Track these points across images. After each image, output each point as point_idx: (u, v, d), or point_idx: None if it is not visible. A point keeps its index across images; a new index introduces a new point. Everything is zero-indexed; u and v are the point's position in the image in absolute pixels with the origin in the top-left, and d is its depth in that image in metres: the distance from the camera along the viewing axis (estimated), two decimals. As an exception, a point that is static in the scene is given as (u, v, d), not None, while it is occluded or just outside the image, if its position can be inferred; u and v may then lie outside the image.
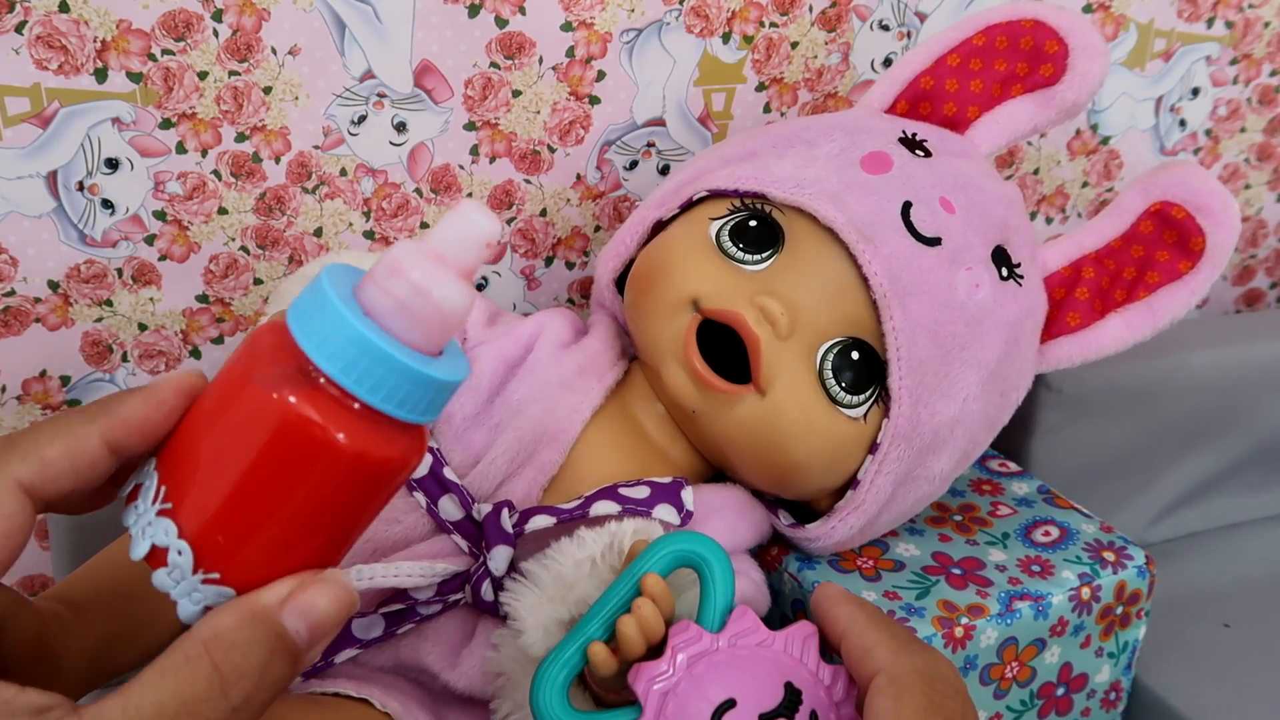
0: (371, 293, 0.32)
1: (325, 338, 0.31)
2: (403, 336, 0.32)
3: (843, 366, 0.55)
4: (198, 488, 0.32)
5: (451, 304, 0.32)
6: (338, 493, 0.32)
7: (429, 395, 0.32)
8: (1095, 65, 0.62)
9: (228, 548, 0.32)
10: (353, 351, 0.31)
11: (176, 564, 0.32)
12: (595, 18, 0.69)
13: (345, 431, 0.31)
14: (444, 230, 0.32)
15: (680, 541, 0.44)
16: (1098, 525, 0.64)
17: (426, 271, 0.31)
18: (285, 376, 0.31)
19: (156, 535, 0.32)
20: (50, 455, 0.32)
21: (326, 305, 0.31)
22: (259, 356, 0.32)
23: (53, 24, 0.60)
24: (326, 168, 0.68)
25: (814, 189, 0.56)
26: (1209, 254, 0.62)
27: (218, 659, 0.31)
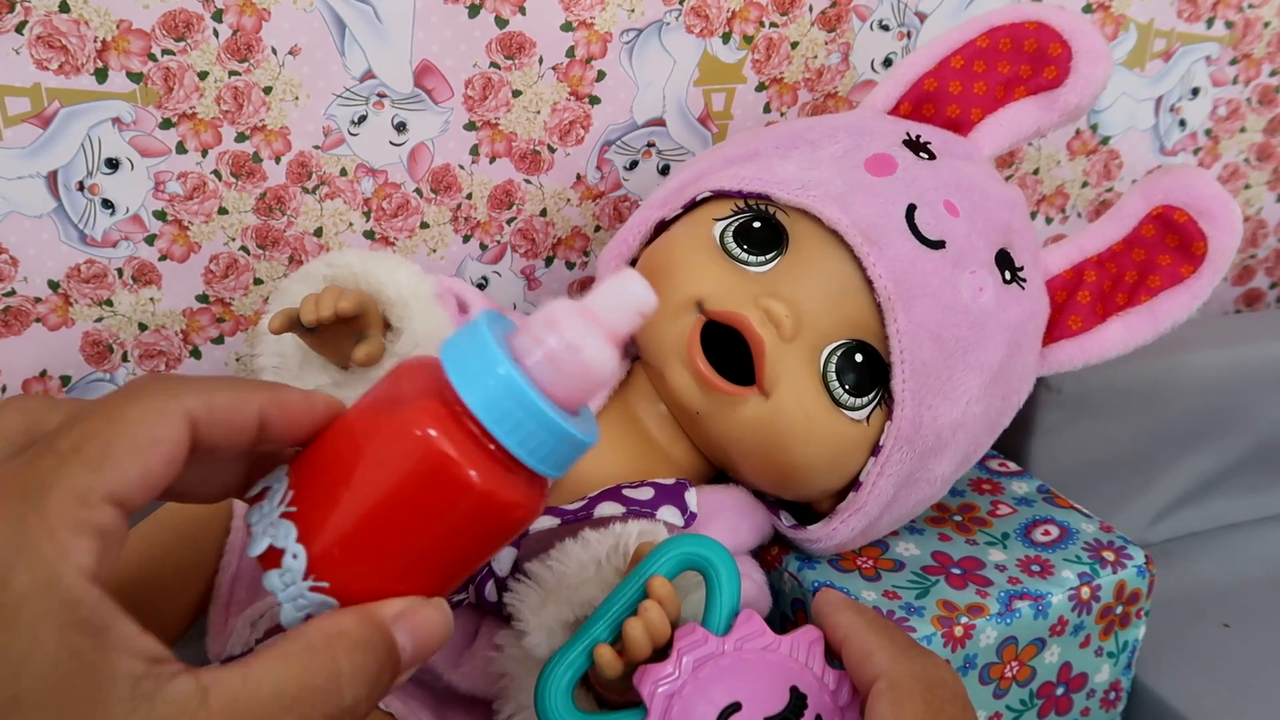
0: (524, 343, 0.33)
1: (478, 379, 0.32)
2: (547, 390, 0.33)
3: (846, 369, 0.55)
4: (325, 500, 0.33)
5: (599, 365, 0.33)
6: (457, 528, 0.33)
7: (564, 451, 0.34)
8: (1099, 68, 0.62)
9: (342, 561, 0.33)
10: (504, 398, 0.32)
11: (290, 567, 0.33)
12: (595, 18, 0.69)
13: (479, 471, 0.32)
14: (603, 294, 0.33)
15: (686, 544, 0.44)
16: (1097, 525, 0.65)
17: (580, 330, 0.33)
18: (430, 411, 0.32)
19: (276, 536, 0.33)
20: (218, 401, 0.32)
21: (483, 348, 0.32)
22: (406, 388, 0.34)
23: (53, 24, 0.60)
24: (326, 168, 0.68)
25: (819, 191, 0.56)
26: (1211, 258, 0.62)
27: (340, 655, 0.32)
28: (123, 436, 0.30)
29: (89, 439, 0.30)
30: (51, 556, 0.28)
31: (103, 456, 0.29)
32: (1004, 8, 0.65)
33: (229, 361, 0.70)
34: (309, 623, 0.32)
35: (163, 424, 0.31)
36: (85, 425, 0.30)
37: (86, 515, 0.29)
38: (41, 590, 0.28)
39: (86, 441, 0.30)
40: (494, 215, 0.72)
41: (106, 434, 0.30)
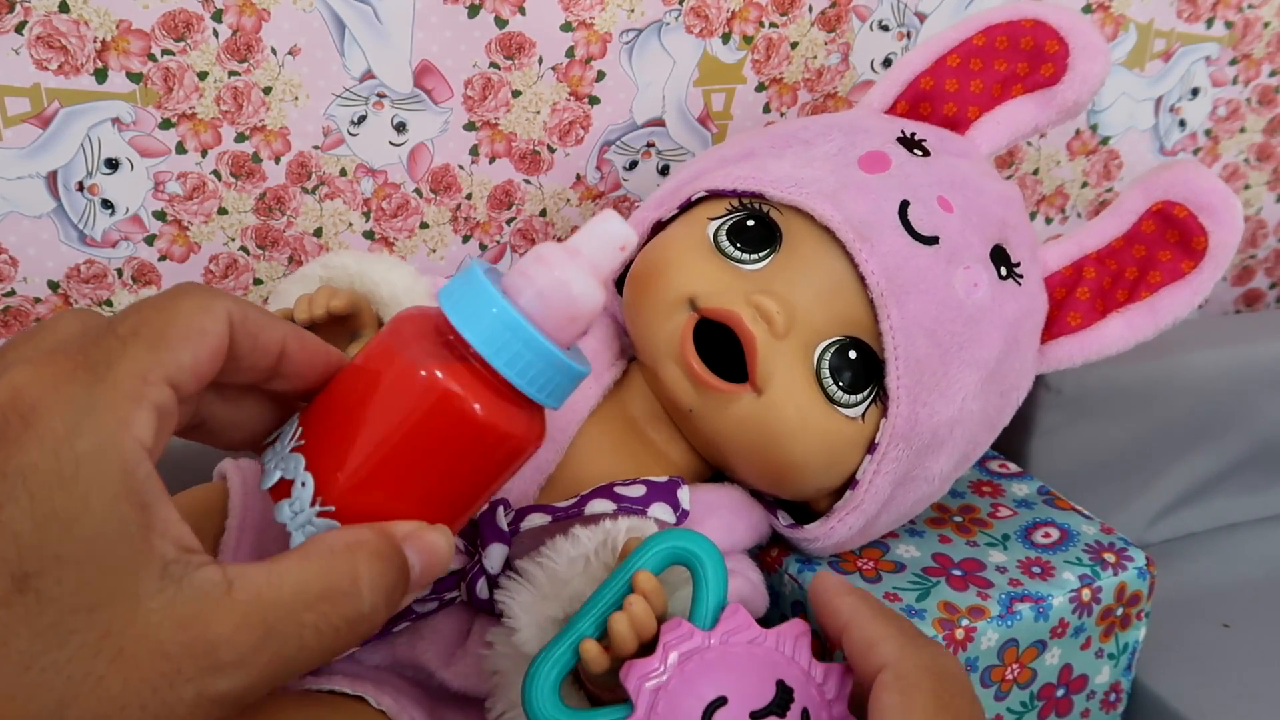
0: (515, 282, 0.35)
1: (476, 316, 0.35)
2: (540, 324, 0.35)
3: (840, 366, 0.55)
4: (333, 434, 0.35)
5: (586, 298, 0.35)
6: (462, 458, 0.35)
7: (561, 380, 0.36)
8: (1096, 65, 0.62)
9: (349, 489, 0.34)
10: (502, 331, 0.34)
11: (298, 495, 0.34)
12: (595, 18, 0.69)
13: (481, 403, 0.35)
14: (585, 233, 0.36)
15: (673, 539, 0.44)
16: (1098, 526, 0.64)
17: (567, 265, 0.35)
18: (432, 350, 0.35)
19: (286, 468, 0.35)
20: (251, 314, 0.34)
21: (479, 288, 0.35)
22: (407, 332, 0.36)
23: (53, 24, 0.60)
24: (326, 168, 0.68)
25: (811, 188, 0.56)
26: (1211, 253, 0.62)
27: (360, 562, 0.33)
28: (175, 324, 0.32)
29: (146, 324, 0.31)
30: (114, 424, 0.29)
31: (159, 340, 0.31)
32: (1001, 6, 0.65)
33: (229, 361, 0.71)
34: (330, 532, 0.34)
35: (209, 319, 0.33)
36: (140, 314, 0.32)
37: (147, 391, 0.30)
38: (101, 455, 0.29)
39: (144, 326, 0.31)
40: (494, 215, 0.72)
41: (160, 321, 0.32)
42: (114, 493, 0.29)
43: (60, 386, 0.29)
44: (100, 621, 0.28)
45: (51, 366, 0.30)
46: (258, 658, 0.30)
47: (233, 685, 0.30)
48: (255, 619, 0.30)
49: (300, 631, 0.31)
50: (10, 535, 0.27)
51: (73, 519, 0.28)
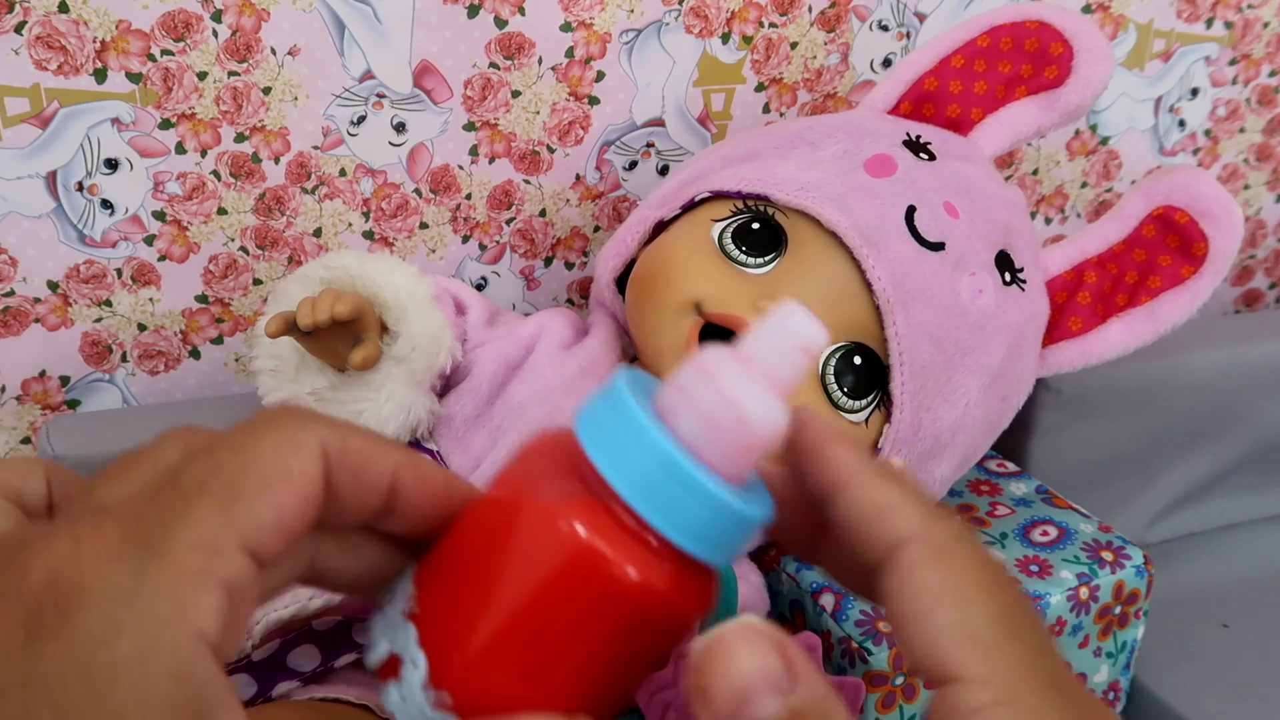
0: (671, 402, 0.27)
1: (623, 454, 0.27)
2: (705, 457, 0.27)
3: (845, 371, 0.55)
4: (452, 600, 0.28)
5: (763, 422, 0.27)
6: (613, 634, 0.28)
7: (733, 531, 0.28)
8: (1100, 68, 0.62)
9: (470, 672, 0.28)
10: (655, 473, 0.27)
11: (408, 678, 0.28)
12: (594, 18, 0.69)
13: (635, 565, 0.27)
14: (760, 334, 0.27)
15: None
16: (1096, 525, 0.65)
17: (738, 380, 0.27)
18: (571, 497, 0.27)
19: (395, 640, 0.29)
20: (353, 444, 0.28)
21: (624, 415, 0.27)
22: (541, 469, 0.29)
23: (52, 24, 0.60)
24: (326, 168, 0.68)
25: (818, 192, 0.56)
26: (1211, 259, 0.62)
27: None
28: (254, 470, 0.26)
29: (217, 473, 0.25)
30: (167, 615, 0.23)
31: (232, 494, 0.25)
32: (1005, 7, 0.65)
33: (228, 362, 0.70)
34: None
35: (297, 457, 0.26)
36: (212, 458, 0.26)
37: (214, 565, 0.24)
38: (146, 658, 0.23)
39: (214, 476, 0.25)
40: (493, 215, 0.72)
41: (235, 467, 0.26)
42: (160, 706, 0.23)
43: (104, 566, 0.24)
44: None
45: (97, 538, 0.24)
46: None
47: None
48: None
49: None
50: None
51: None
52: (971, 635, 0.26)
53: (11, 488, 0.28)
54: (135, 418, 0.65)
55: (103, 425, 0.63)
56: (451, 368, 0.58)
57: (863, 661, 0.57)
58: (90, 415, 0.66)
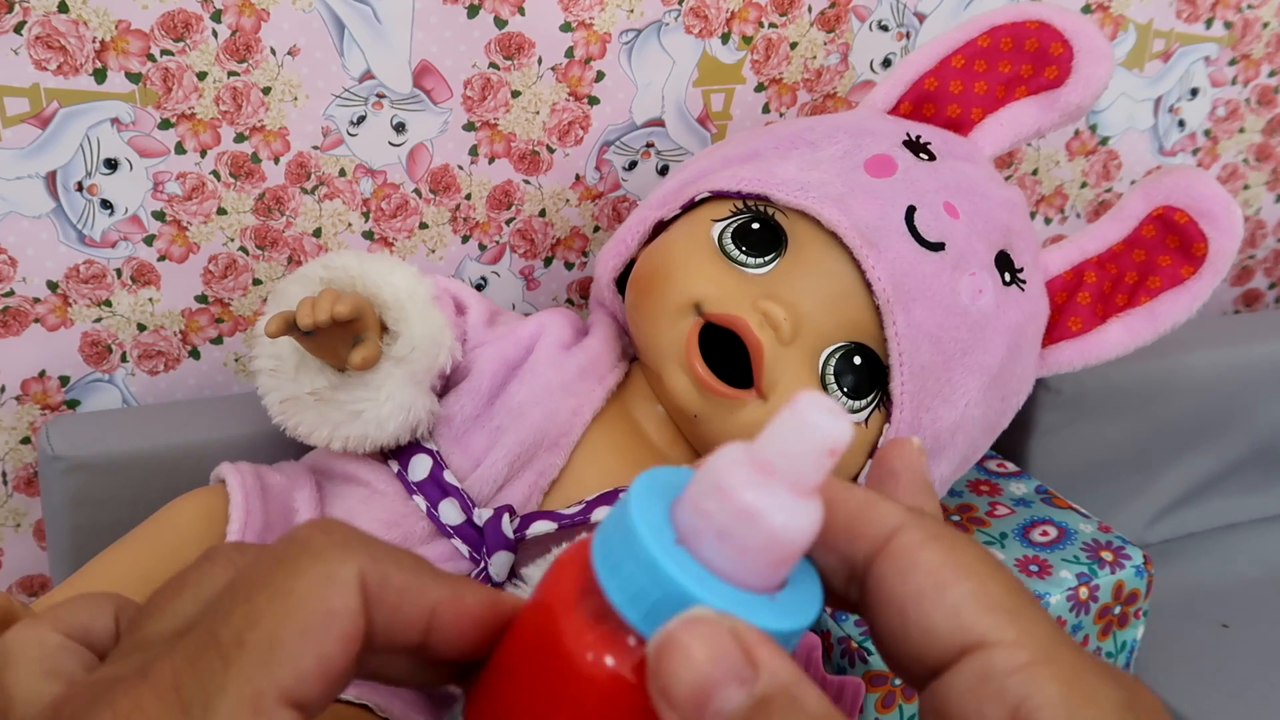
0: (690, 520, 0.25)
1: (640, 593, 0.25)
2: (730, 575, 0.25)
3: (845, 371, 0.55)
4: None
5: (789, 531, 0.25)
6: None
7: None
8: (1100, 68, 0.62)
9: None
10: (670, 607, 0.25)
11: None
12: (594, 18, 0.69)
13: None
14: (777, 435, 0.25)
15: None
16: (1096, 525, 0.65)
17: (755, 491, 0.25)
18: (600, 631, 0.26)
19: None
20: (393, 579, 0.26)
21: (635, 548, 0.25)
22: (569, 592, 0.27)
23: (52, 24, 0.60)
24: (325, 168, 0.68)
25: (818, 192, 0.56)
26: (1211, 260, 0.62)
27: None
28: (293, 617, 0.25)
29: (253, 625, 0.24)
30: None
31: (272, 647, 0.24)
32: (1005, 7, 0.65)
33: (228, 362, 0.70)
34: None
35: (337, 594, 0.25)
36: (251, 605, 0.25)
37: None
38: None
39: (251, 629, 0.24)
40: (493, 215, 0.72)
41: (274, 616, 0.25)
42: None
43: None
44: None
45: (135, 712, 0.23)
46: None
47: None
48: None
49: None
50: None
51: None
52: (994, 602, 0.26)
53: (80, 626, 0.28)
54: (135, 418, 0.65)
55: (102, 425, 0.63)
56: (451, 368, 0.58)
57: (862, 661, 0.57)
58: (90, 415, 0.66)
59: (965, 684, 0.25)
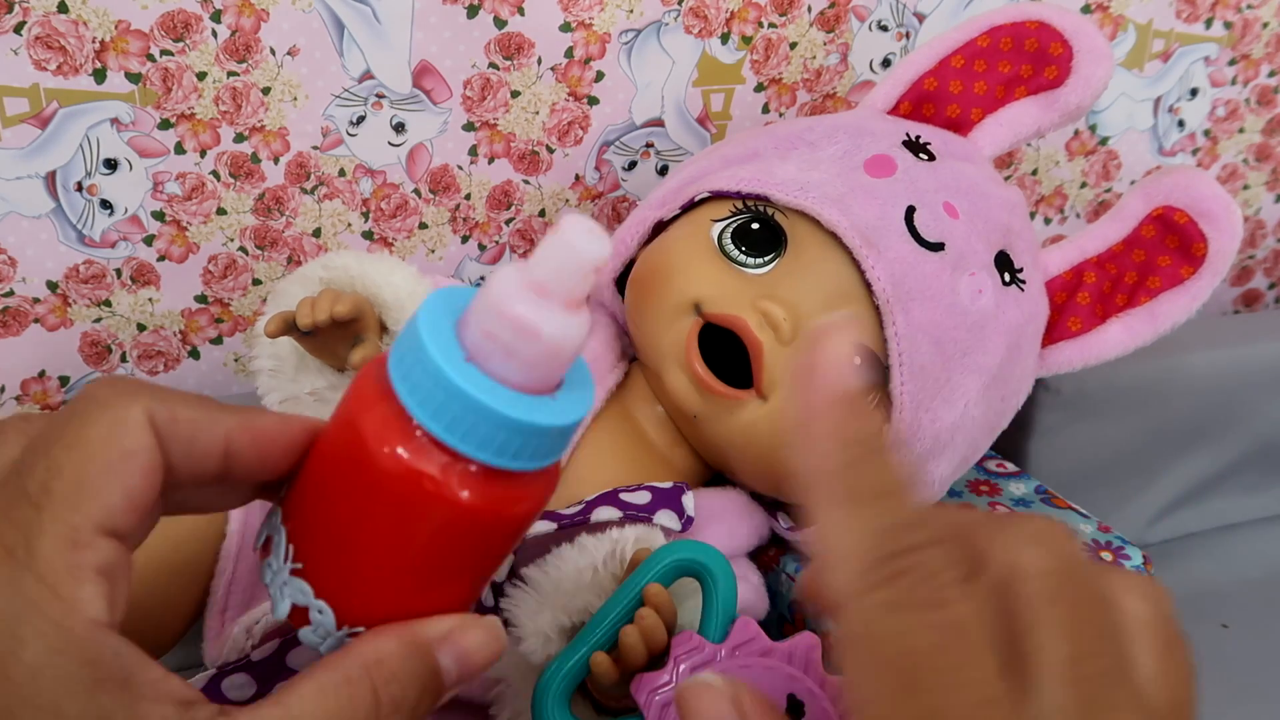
0: (473, 333, 0.29)
1: (425, 391, 0.29)
2: (511, 379, 0.29)
3: (844, 371, 0.55)
4: (325, 545, 0.31)
5: (562, 339, 0.29)
6: (468, 543, 0.31)
7: (548, 442, 0.30)
8: (1100, 68, 0.61)
9: (365, 603, 0.31)
10: (454, 407, 0.28)
11: (319, 622, 0.31)
12: (594, 18, 0.69)
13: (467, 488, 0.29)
14: (545, 258, 0.29)
15: (683, 551, 0.44)
16: (1095, 525, 0.64)
17: (530, 309, 0.28)
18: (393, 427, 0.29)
19: (294, 595, 0.31)
20: (180, 414, 0.29)
21: (422, 355, 0.29)
22: (367, 402, 0.30)
23: (51, 24, 0.60)
24: (325, 168, 0.68)
25: (817, 192, 0.55)
26: (1211, 260, 0.62)
27: (379, 686, 0.30)
28: (92, 460, 0.27)
29: (57, 474, 0.27)
30: (58, 616, 0.26)
31: (78, 489, 0.27)
32: (1005, 7, 0.65)
33: (227, 362, 0.70)
34: (347, 650, 0.30)
35: (129, 435, 0.28)
36: (48, 458, 0.27)
37: (83, 558, 0.26)
38: (56, 655, 0.25)
39: (55, 477, 0.27)
40: (492, 216, 0.72)
41: (74, 464, 0.27)
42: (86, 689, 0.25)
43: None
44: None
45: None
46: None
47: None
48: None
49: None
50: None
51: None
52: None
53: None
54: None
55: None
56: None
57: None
58: (89, 415, 0.66)
59: None
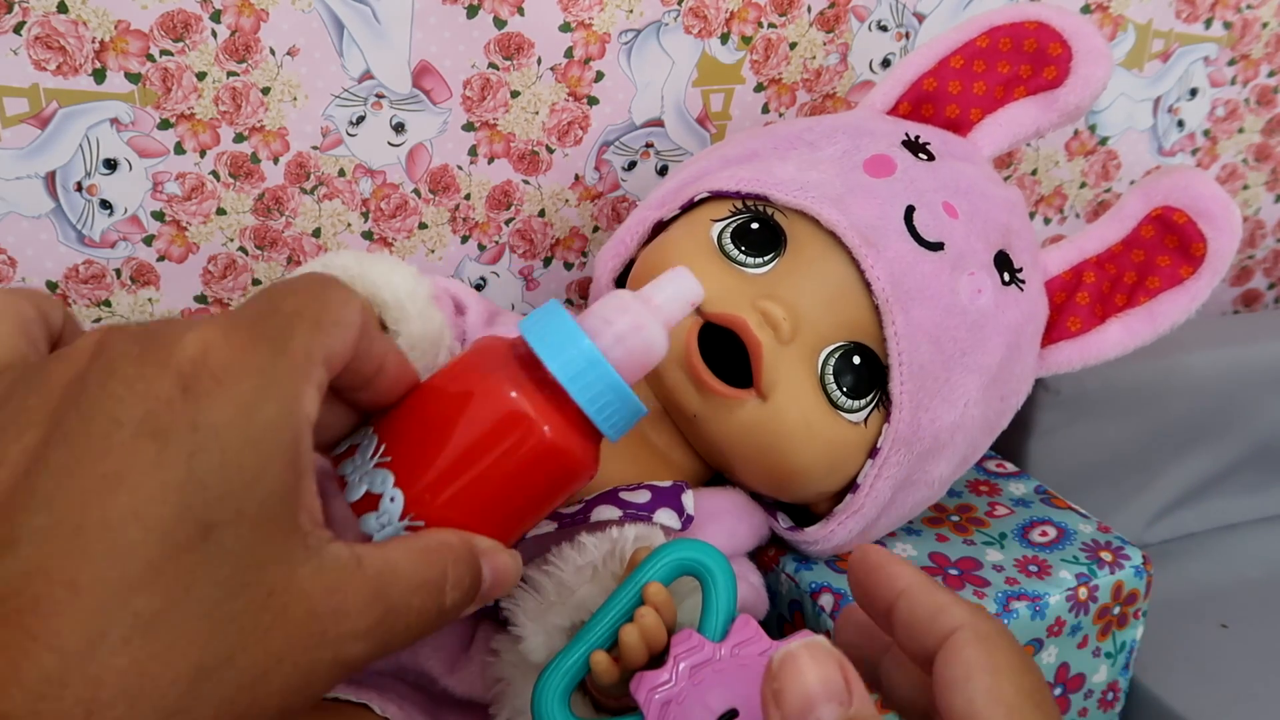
0: (593, 324, 0.38)
1: (561, 351, 0.37)
2: (615, 364, 0.38)
3: (844, 371, 0.55)
4: (418, 453, 0.37)
5: (657, 346, 0.39)
6: (530, 477, 0.37)
7: (628, 416, 0.39)
8: (1099, 68, 0.62)
9: (434, 504, 0.36)
10: (586, 369, 0.37)
11: (387, 509, 0.36)
12: (594, 18, 0.69)
13: (551, 426, 0.37)
14: (660, 286, 0.40)
15: (683, 549, 0.44)
16: (1095, 525, 0.65)
17: (644, 315, 0.39)
18: (514, 376, 0.37)
19: (373, 483, 0.36)
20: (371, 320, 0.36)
21: (563, 326, 0.38)
22: (490, 358, 0.38)
23: (51, 24, 0.60)
24: (325, 168, 0.68)
25: (817, 192, 0.56)
26: (1210, 260, 0.62)
27: (448, 563, 0.35)
28: (329, 311, 0.33)
29: (307, 306, 0.33)
30: (291, 395, 0.31)
31: (319, 324, 0.33)
32: (1004, 7, 0.65)
33: (227, 362, 0.70)
34: (422, 533, 0.36)
35: (351, 312, 0.34)
36: (298, 295, 0.33)
37: (312, 370, 0.32)
38: (281, 423, 0.30)
39: (306, 308, 0.33)
40: (492, 216, 0.72)
41: (318, 306, 0.33)
42: (287, 460, 0.30)
43: (248, 352, 0.30)
44: (268, 579, 0.30)
45: (235, 332, 0.31)
46: (378, 631, 0.32)
47: (360, 652, 0.32)
48: (379, 596, 0.32)
49: (407, 614, 0.33)
50: (199, 484, 0.28)
51: (254, 479, 0.29)
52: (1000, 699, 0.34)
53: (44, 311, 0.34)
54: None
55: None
56: (451, 368, 0.58)
57: (862, 662, 0.57)
58: (89, 415, 0.66)
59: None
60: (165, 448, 0.28)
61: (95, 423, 0.29)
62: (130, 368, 0.29)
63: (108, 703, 0.27)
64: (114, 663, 0.27)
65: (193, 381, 0.29)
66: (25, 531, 0.27)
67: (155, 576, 0.28)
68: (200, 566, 0.28)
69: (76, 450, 0.28)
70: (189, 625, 0.28)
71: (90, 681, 0.27)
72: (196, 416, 0.29)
